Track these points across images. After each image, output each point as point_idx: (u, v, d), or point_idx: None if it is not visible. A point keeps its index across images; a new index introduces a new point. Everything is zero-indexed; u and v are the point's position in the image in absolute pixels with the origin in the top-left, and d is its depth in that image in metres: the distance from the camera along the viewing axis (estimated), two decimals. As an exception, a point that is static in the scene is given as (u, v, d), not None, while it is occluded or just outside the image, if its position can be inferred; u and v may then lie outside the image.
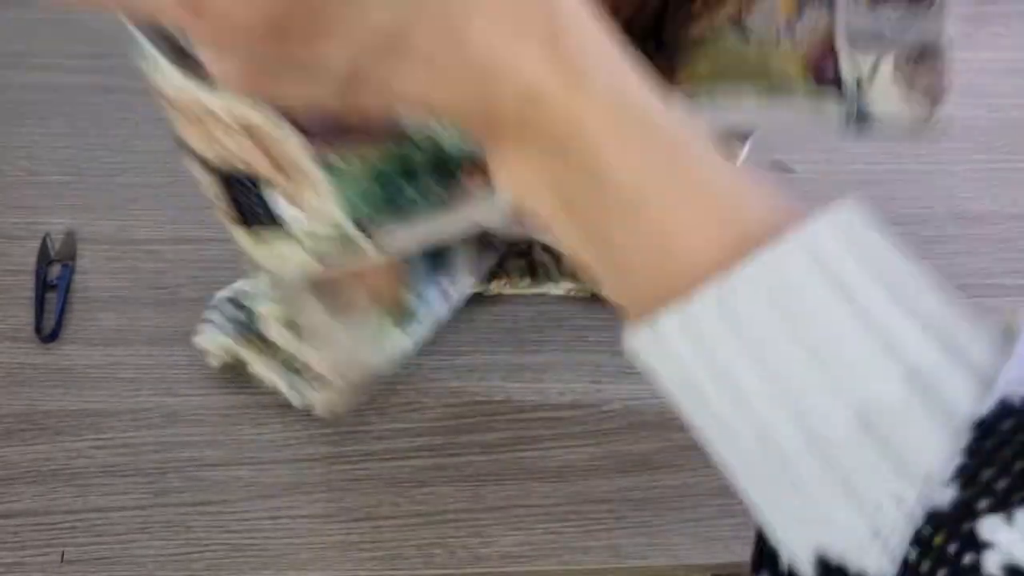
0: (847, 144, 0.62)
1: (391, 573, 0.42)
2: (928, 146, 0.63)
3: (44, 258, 0.53)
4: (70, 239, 0.54)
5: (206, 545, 0.42)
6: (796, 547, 0.24)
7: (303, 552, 0.42)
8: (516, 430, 0.47)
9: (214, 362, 0.47)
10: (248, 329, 0.46)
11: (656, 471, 0.45)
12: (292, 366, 0.45)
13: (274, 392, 0.47)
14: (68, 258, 0.53)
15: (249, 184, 0.36)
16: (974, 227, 0.58)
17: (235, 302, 0.47)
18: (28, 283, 0.52)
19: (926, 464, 0.21)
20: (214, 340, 0.46)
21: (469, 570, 0.42)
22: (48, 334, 0.49)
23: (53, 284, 0.52)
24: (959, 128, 0.65)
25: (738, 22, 0.39)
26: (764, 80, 0.39)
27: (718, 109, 0.39)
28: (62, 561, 0.41)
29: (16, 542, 0.42)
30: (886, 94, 0.38)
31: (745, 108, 0.39)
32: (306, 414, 0.47)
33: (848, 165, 0.58)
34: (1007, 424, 0.21)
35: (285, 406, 0.47)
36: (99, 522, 0.42)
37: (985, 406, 0.21)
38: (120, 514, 0.43)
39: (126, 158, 0.60)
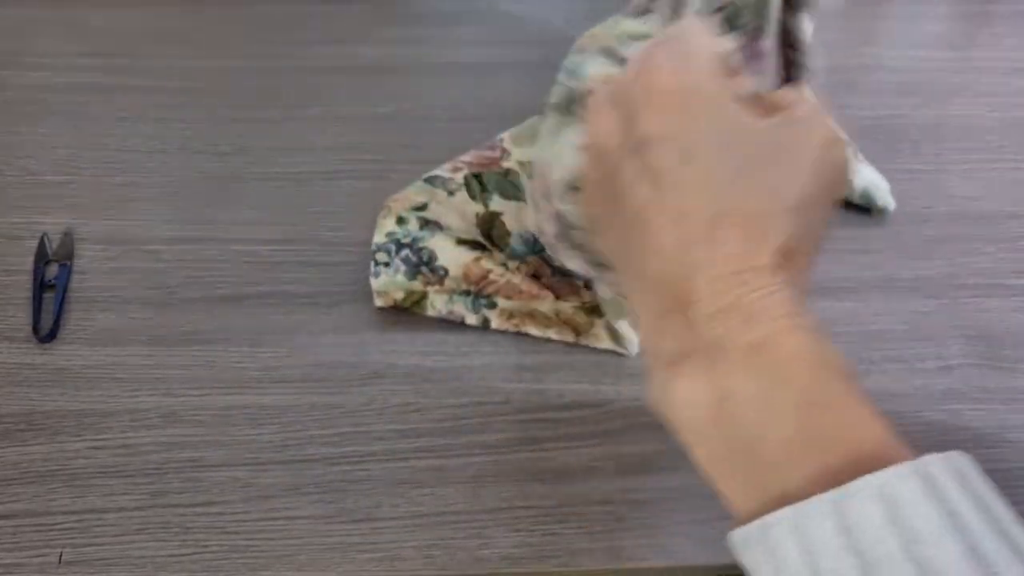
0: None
1: (390, 574, 0.41)
2: (929, 146, 0.63)
3: (42, 258, 0.53)
4: (68, 239, 0.54)
5: (205, 546, 0.42)
6: None
7: (302, 553, 0.42)
8: (516, 431, 0.46)
9: (380, 302, 0.50)
10: (419, 268, 0.50)
11: (656, 472, 0.45)
12: (463, 290, 0.50)
13: (274, 392, 0.47)
14: (66, 258, 0.53)
15: None
16: (975, 227, 0.58)
17: (407, 247, 0.51)
18: (25, 283, 0.52)
19: None
20: (392, 281, 0.50)
21: (469, 571, 0.42)
22: (46, 334, 0.49)
23: (51, 284, 0.52)
24: (960, 128, 0.65)
25: None
26: None
27: None
28: (60, 562, 0.41)
29: (14, 543, 0.42)
30: None
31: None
32: (305, 414, 0.46)
33: (849, 165, 0.58)
34: None
35: (284, 407, 0.47)
36: (97, 523, 0.42)
37: None
38: (118, 515, 0.43)
39: (124, 158, 0.59)
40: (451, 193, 0.52)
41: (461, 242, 0.51)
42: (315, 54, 0.68)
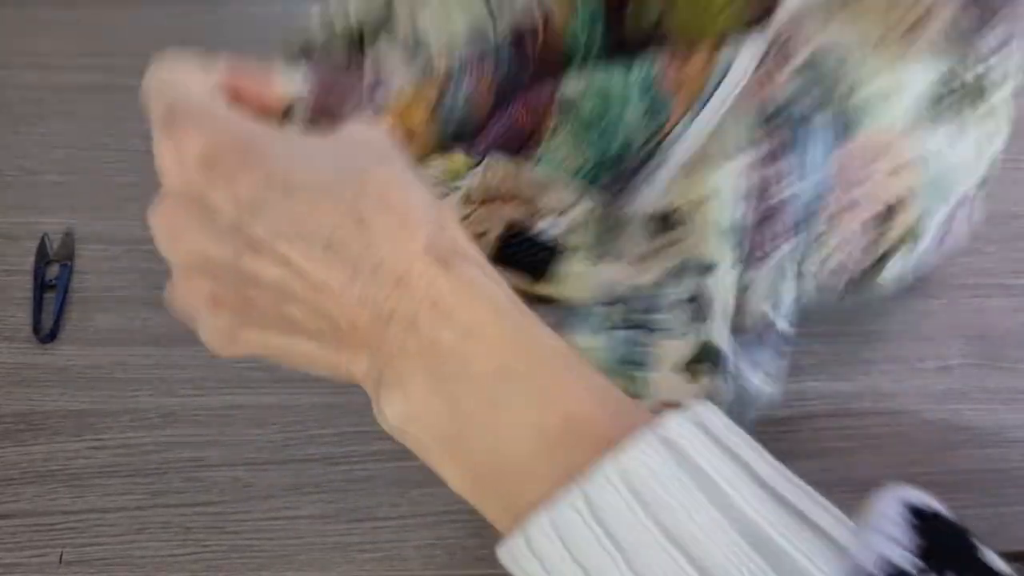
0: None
1: (390, 574, 0.41)
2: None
3: (42, 258, 0.53)
4: (68, 239, 0.54)
5: (205, 546, 0.42)
6: None
7: (302, 553, 0.42)
8: (516, 430, 0.46)
9: None
10: None
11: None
12: None
13: (274, 392, 0.47)
14: (66, 258, 0.53)
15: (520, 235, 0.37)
16: (976, 227, 0.58)
17: None
18: (26, 283, 0.52)
19: None
20: None
21: (468, 571, 0.42)
22: (46, 334, 0.49)
23: (51, 284, 0.52)
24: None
25: None
26: None
27: None
28: (60, 562, 0.41)
29: (15, 543, 0.42)
30: None
31: None
32: (305, 414, 0.46)
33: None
34: None
35: (284, 407, 0.47)
36: (98, 523, 0.42)
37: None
38: (118, 515, 0.43)
39: (124, 157, 0.59)
40: None
41: None
42: (315, 54, 0.68)
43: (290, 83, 0.31)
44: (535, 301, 0.37)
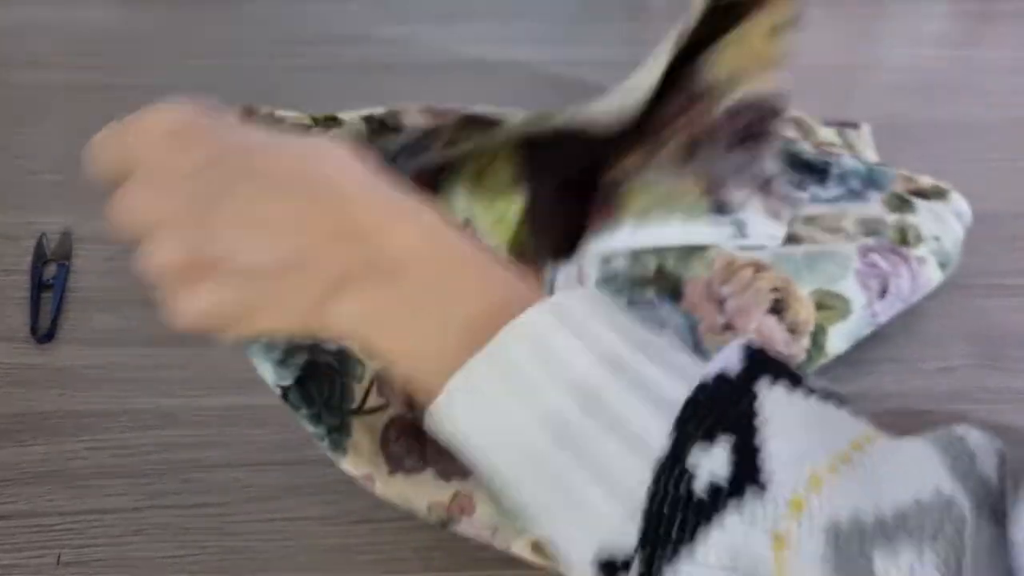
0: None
1: (390, 576, 0.41)
2: (929, 145, 0.63)
3: (40, 258, 0.53)
4: (66, 238, 0.54)
5: (203, 548, 0.42)
6: (580, 559, 0.28)
7: (301, 555, 0.41)
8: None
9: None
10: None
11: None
12: None
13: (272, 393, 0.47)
14: (64, 257, 0.53)
15: None
16: (977, 227, 0.57)
17: None
18: (23, 283, 0.52)
19: (652, 438, 0.27)
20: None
21: (468, 573, 0.41)
22: (44, 334, 0.49)
23: (49, 284, 0.52)
24: (960, 127, 0.64)
25: (644, 171, 0.48)
26: (678, 210, 0.48)
27: (648, 232, 0.48)
28: (58, 564, 0.41)
29: (12, 544, 0.41)
30: (755, 213, 0.49)
31: (669, 230, 0.48)
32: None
33: (850, 164, 0.58)
34: (703, 395, 0.28)
35: (284, 407, 0.46)
36: (95, 524, 0.42)
37: (689, 389, 0.28)
38: (116, 516, 0.42)
39: (123, 157, 0.59)
40: None
41: None
42: (313, 52, 0.68)
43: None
44: None
